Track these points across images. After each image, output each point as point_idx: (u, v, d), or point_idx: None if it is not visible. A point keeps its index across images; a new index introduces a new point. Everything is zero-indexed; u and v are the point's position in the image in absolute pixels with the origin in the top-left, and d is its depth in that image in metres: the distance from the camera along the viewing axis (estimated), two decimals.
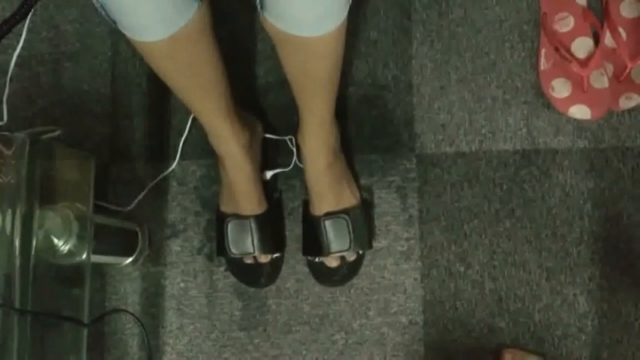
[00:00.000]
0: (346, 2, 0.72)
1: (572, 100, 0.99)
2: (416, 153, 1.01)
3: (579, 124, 1.00)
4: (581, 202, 0.98)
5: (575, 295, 0.96)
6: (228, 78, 0.86)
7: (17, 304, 0.66)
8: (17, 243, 0.73)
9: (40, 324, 0.70)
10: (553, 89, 1.00)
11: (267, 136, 1.01)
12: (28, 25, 0.95)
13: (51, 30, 1.07)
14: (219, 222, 0.96)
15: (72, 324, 0.73)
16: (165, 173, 1.02)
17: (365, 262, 0.99)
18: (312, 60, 0.77)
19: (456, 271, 0.98)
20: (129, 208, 1.01)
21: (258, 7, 0.72)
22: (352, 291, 0.99)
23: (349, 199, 0.95)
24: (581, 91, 0.99)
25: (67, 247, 0.80)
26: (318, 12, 0.70)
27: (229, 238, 0.94)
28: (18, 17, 0.50)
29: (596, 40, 1.01)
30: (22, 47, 0.98)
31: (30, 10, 0.50)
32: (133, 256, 0.98)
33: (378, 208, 1.00)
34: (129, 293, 1.00)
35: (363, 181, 1.00)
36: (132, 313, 0.78)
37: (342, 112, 0.98)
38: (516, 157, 1.00)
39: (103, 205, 1.00)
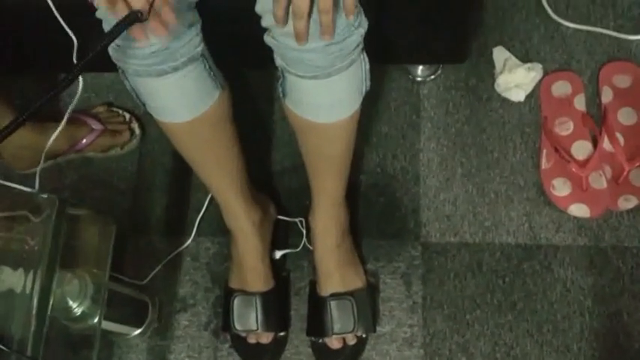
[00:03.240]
0: (359, 94, 0.80)
1: (572, 198, 1.04)
2: (421, 241, 1.05)
3: (580, 222, 1.04)
4: (582, 297, 1.00)
5: None
6: (245, 159, 0.93)
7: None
8: (35, 303, 0.76)
9: None
10: (554, 187, 1.05)
11: (280, 217, 1.05)
12: None
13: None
14: (226, 297, 0.99)
15: None
16: (180, 249, 1.06)
17: (368, 347, 1.00)
18: (327, 143, 0.84)
19: None
20: (143, 282, 1.04)
21: (281, 95, 0.80)
22: None
23: (355, 281, 0.98)
24: (581, 190, 1.03)
25: (80, 310, 0.83)
26: (332, 101, 0.78)
27: (234, 313, 0.96)
28: (54, 93, 0.56)
29: (595, 143, 1.07)
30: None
31: (67, 86, 0.57)
32: (142, 328, 1.00)
33: (383, 293, 1.02)
34: None
35: (369, 266, 1.03)
36: None
37: (352, 198, 1.03)
38: (518, 251, 1.03)
39: (118, 277, 1.03)
